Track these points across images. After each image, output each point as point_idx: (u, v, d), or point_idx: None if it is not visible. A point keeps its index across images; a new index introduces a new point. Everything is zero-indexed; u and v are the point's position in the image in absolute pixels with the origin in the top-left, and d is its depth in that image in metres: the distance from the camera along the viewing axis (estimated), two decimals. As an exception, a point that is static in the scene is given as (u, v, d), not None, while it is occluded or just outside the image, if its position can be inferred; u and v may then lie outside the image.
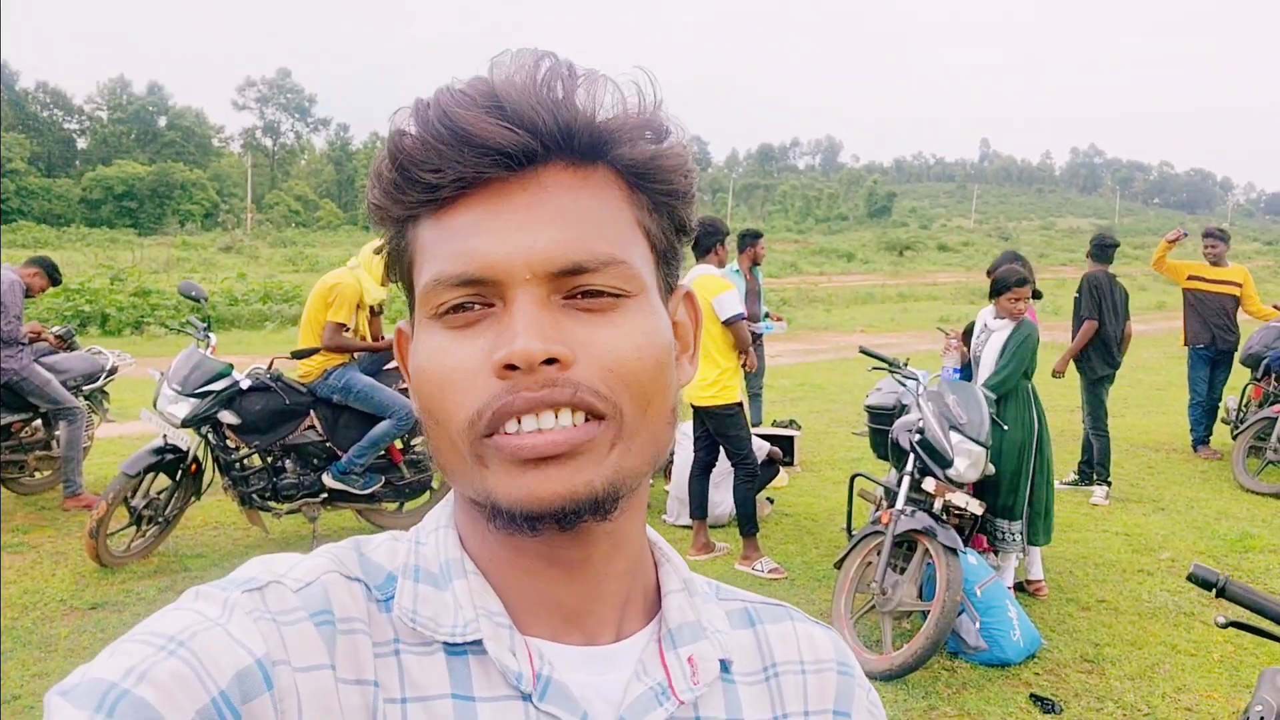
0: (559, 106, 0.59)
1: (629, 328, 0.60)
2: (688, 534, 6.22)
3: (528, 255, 0.58)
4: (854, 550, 4.59)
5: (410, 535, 0.68)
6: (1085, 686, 4.23)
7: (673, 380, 0.64)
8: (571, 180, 0.60)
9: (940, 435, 4.48)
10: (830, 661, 0.75)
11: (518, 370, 0.56)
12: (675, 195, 0.65)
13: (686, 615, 0.69)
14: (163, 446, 5.33)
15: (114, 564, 5.28)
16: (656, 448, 0.63)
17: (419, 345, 0.62)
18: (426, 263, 0.61)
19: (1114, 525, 6.51)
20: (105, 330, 17.12)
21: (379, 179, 0.62)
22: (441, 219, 0.60)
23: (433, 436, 0.62)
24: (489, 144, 0.57)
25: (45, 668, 4.16)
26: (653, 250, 0.65)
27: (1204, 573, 1.84)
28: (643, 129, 0.62)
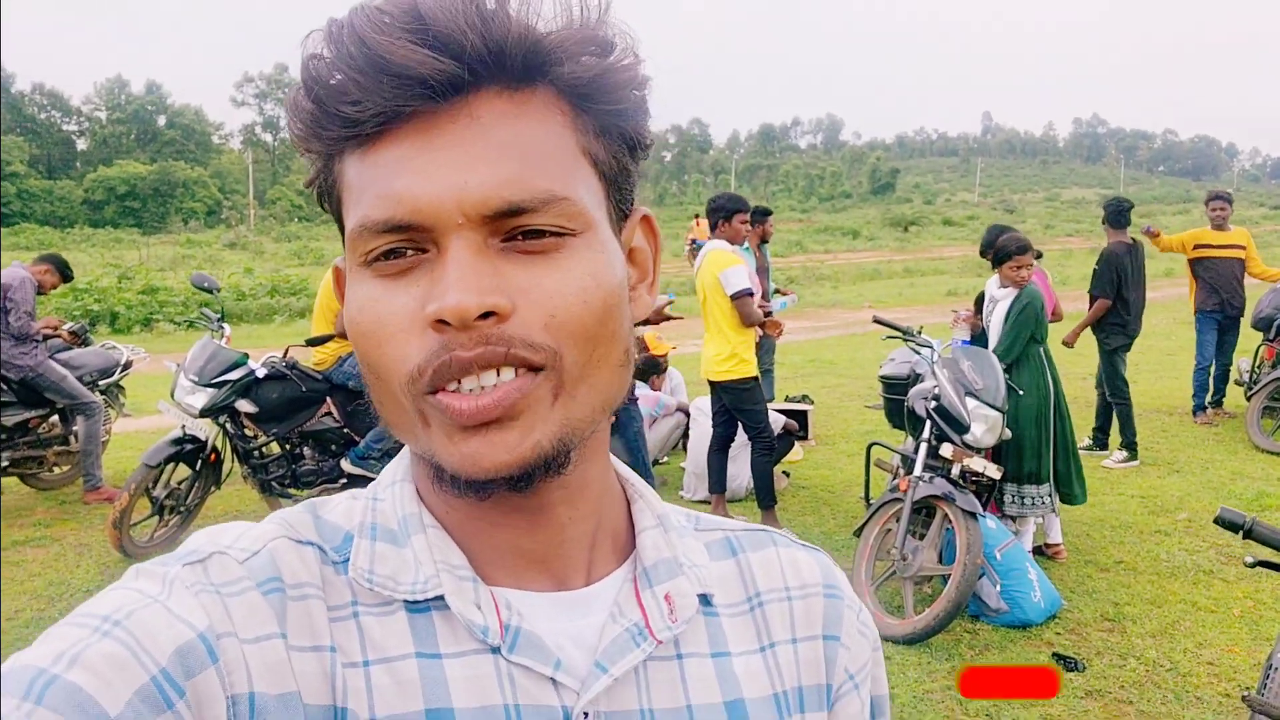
0: (489, 24, 0.53)
1: (574, 270, 0.55)
2: (705, 509, 6.23)
3: (460, 197, 0.53)
4: (873, 518, 4.62)
5: (368, 492, 0.65)
6: (1107, 645, 4.26)
7: (624, 321, 0.59)
8: (507, 108, 0.55)
9: (956, 401, 4.50)
10: (816, 585, 0.72)
11: (451, 325, 0.52)
12: (625, 114, 0.59)
13: (662, 552, 0.66)
14: (182, 437, 5.37)
15: (137, 554, 5.32)
16: (607, 394, 0.59)
17: (352, 293, 0.57)
18: (353, 204, 0.56)
19: (1130, 488, 6.53)
20: (115, 328, 17.22)
21: (296, 109, 0.56)
22: (366, 154, 0.55)
23: (374, 390, 0.58)
24: (410, 74, 0.52)
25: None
26: (601, 178, 0.59)
27: (1231, 515, 1.86)
28: (586, 43, 0.56)
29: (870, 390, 9.91)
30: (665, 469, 7.24)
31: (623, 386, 0.60)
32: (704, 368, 5.66)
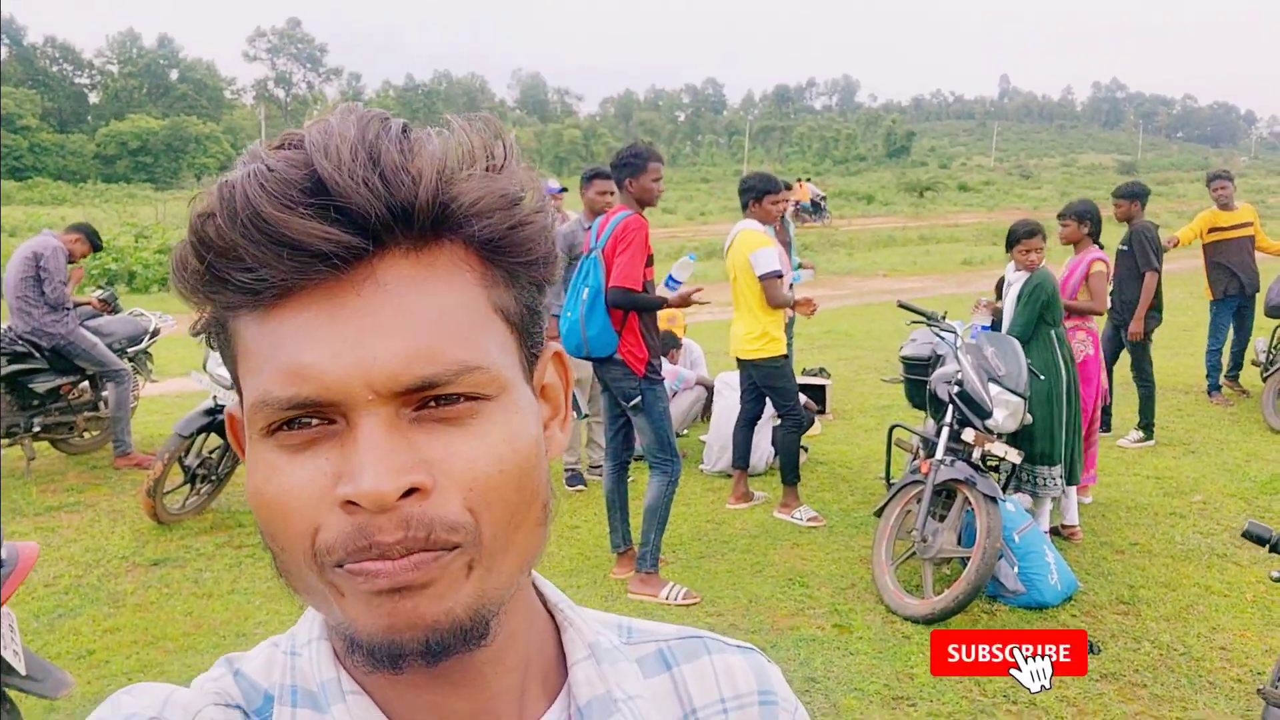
0: (391, 186, 0.50)
1: (488, 436, 0.53)
2: (725, 482, 6.34)
3: (368, 373, 0.50)
4: (894, 499, 4.70)
5: (286, 643, 0.63)
6: (1122, 627, 4.34)
7: (541, 478, 0.57)
8: (413, 271, 0.52)
9: (979, 387, 4.56)
10: (751, 694, 0.72)
11: (364, 510, 0.50)
12: (536, 263, 0.58)
13: (595, 688, 0.64)
14: (214, 407, 5.47)
15: (170, 521, 5.45)
16: (525, 558, 0.57)
17: (252, 462, 0.54)
18: (250, 372, 0.53)
19: (1145, 469, 6.59)
20: (133, 288, 17.31)
21: (184, 268, 0.53)
22: (264, 320, 0.52)
23: (279, 560, 0.55)
24: (310, 248, 0.49)
25: (116, 623, 4.34)
26: (512, 330, 0.57)
27: (1257, 529, 1.93)
28: (495, 198, 0.54)
29: (886, 363, 9.97)
30: (685, 441, 7.32)
31: (541, 543, 0.59)
32: (733, 346, 5.71)
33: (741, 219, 5.71)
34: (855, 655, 4.05)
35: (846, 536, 5.41)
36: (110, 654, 4.07)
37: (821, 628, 4.31)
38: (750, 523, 5.65)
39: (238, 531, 5.41)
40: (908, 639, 4.21)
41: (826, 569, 4.96)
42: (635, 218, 4.55)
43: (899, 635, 4.25)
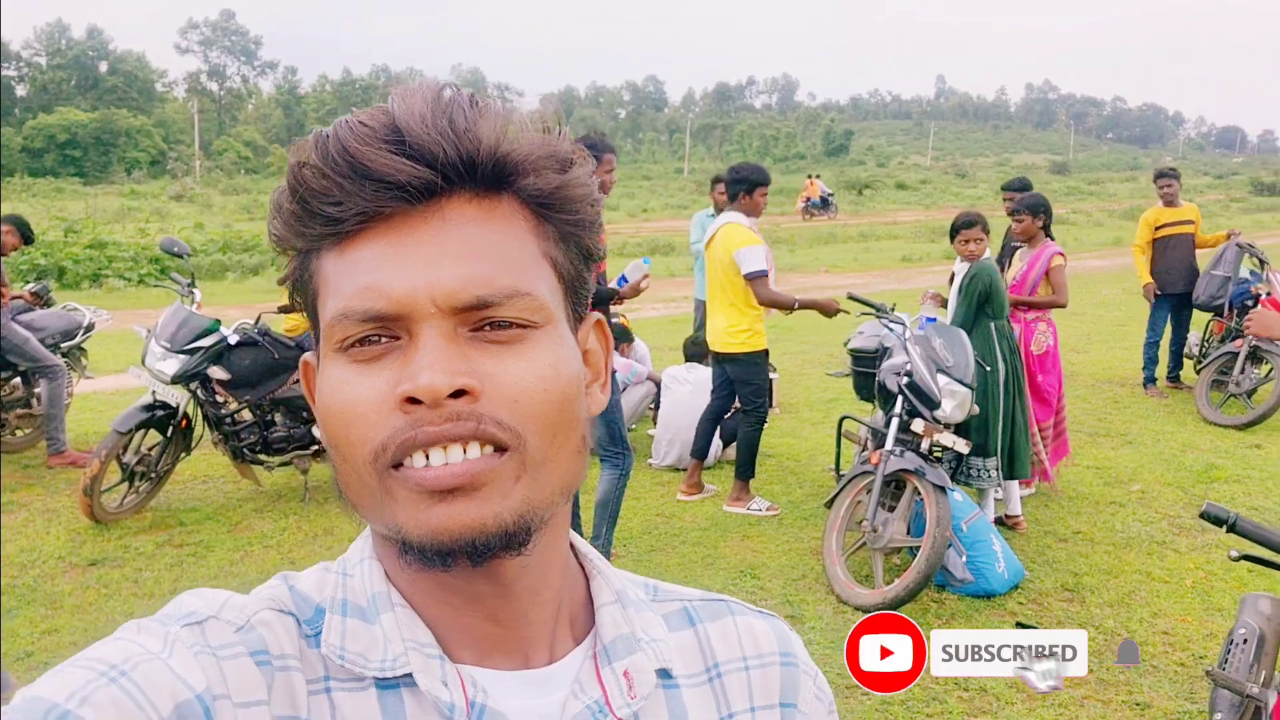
0: (461, 137, 0.59)
1: (536, 359, 0.60)
2: (674, 476, 6.35)
3: (432, 290, 0.57)
4: (844, 490, 4.74)
5: (337, 566, 0.68)
6: (1067, 614, 4.42)
7: (581, 410, 0.63)
8: (475, 212, 0.60)
9: (928, 378, 4.61)
10: (773, 654, 0.75)
11: (421, 404, 0.56)
12: (581, 225, 0.65)
13: (620, 628, 0.69)
14: (152, 403, 5.34)
15: (108, 520, 5.30)
16: (566, 478, 0.62)
17: (324, 378, 0.61)
18: (330, 296, 0.60)
19: (1085, 459, 6.72)
20: (63, 284, 16.79)
21: (279, 210, 0.61)
22: (344, 251, 0.60)
23: (340, 471, 0.61)
24: (388, 178, 0.57)
25: (54, 624, 4.21)
26: (560, 280, 0.64)
27: (1216, 510, 1.96)
28: (548, 159, 0.62)
29: (830, 357, 10.06)
30: (633, 436, 7.30)
31: (581, 471, 0.64)
32: (713, 339, 5.70)
33: (727, 210, 5.68)
34: (808, 646, 3.99)
35: (796, 528, 5.44)
36: (50, 655, 3.94)
37: (774, 619, 4.33)
38: (700, 516, 5.66)
39: (178, 530, 5.28)
40: (859, 628, 4.24)
41: (777, 561, 4.98)
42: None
43: (850, 625, 4.23)
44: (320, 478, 6.08)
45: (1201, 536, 5.31)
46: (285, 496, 5.85)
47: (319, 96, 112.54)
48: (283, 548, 5.08)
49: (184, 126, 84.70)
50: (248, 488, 5.88)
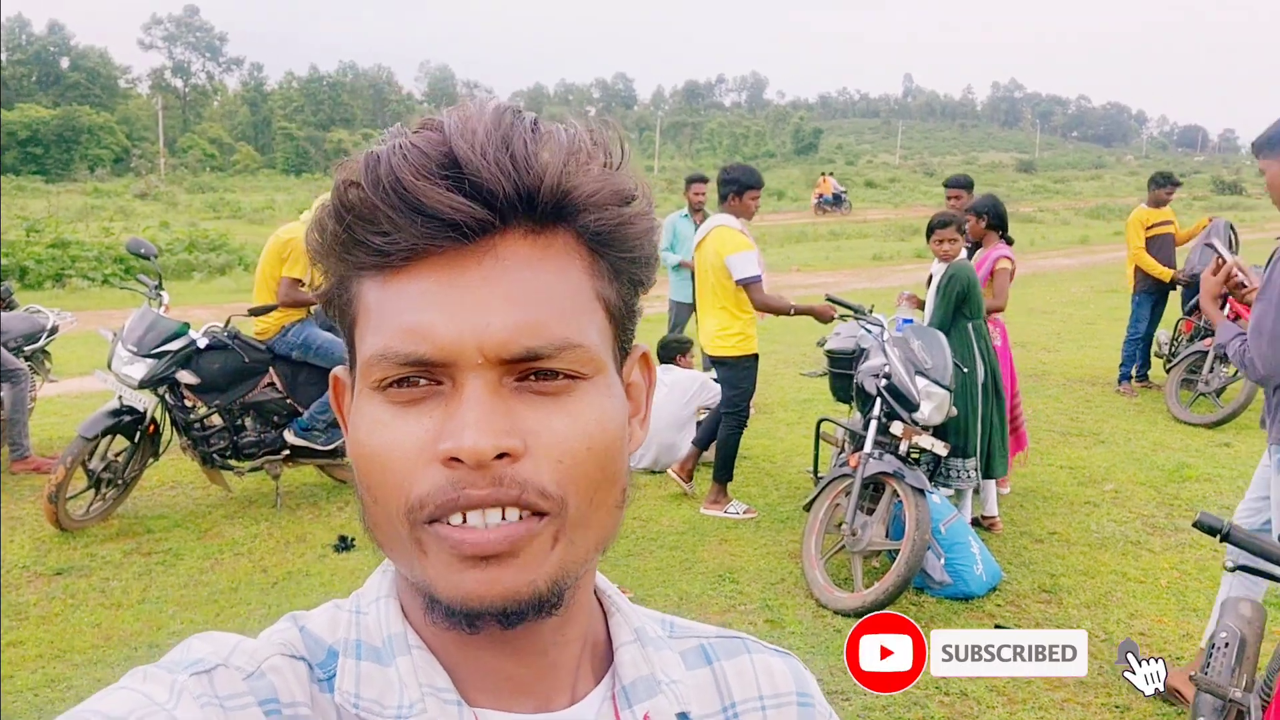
0: (521, 171, 0.55)
1: (583, 415, 0.57)
2: (650, 479, 6.32)
3: (480, 338, 0.55)
4: (823, 493, 4.72)
5: (351, 604, 0.66)
6: (1045, 616, 4.43)
7: (624, 463, 0.62)
8: (530, 252, 0.57)
9: (907, 380, 4.60)
10: (790, 694, 0.75)
11: (464, 463, 0.54)
12: (638, 260, 0.62)
13: (640, 669, 0.67)
14: (119, 408, 5.23)
15: (74, 528, 5.19)
16: (603, 535, 0.61)
17: (359, 415, 0.58)
18: (371, 330, 0.58)
19: (1058, 459, 6.76)
20: (25, 284, 16.50)
21: (322, 229, 0.58)
22: (389, 282, 0.57)
23: (370, 513, 0.59)
24: (443, 216, 0.54)
25: (19, 636, 4.10)
26: (611, 320, 0.61)
27: (1210, 520, 1.95)
28: (611, 193, 0.59)
29: (804, 357, 10.06)
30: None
31: (616, 526, 0.62)
32: (705, 342, 5.68)
33: (717, 212, 5.64)
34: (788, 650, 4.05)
35: (774, 531, 5.43)
36: (14, 669, 3.84)
37: (753, 624, 4.30)
38: (678, 520, 5.63)
39: (146, 538, 5.17)
40: (839, 632, 4.23)
41: (756, 564, 4.96)
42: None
43: (830, 629, 4.26)
44: (292, 482, 5.99)
45: (1175, 536, 5.35)
46: (256, 502, 5.76)
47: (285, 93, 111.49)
48: (254, 554, 4.99)
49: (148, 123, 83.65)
50: (218, 494, 5.78)
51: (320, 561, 4.92)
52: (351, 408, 0.60)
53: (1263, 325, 3.20)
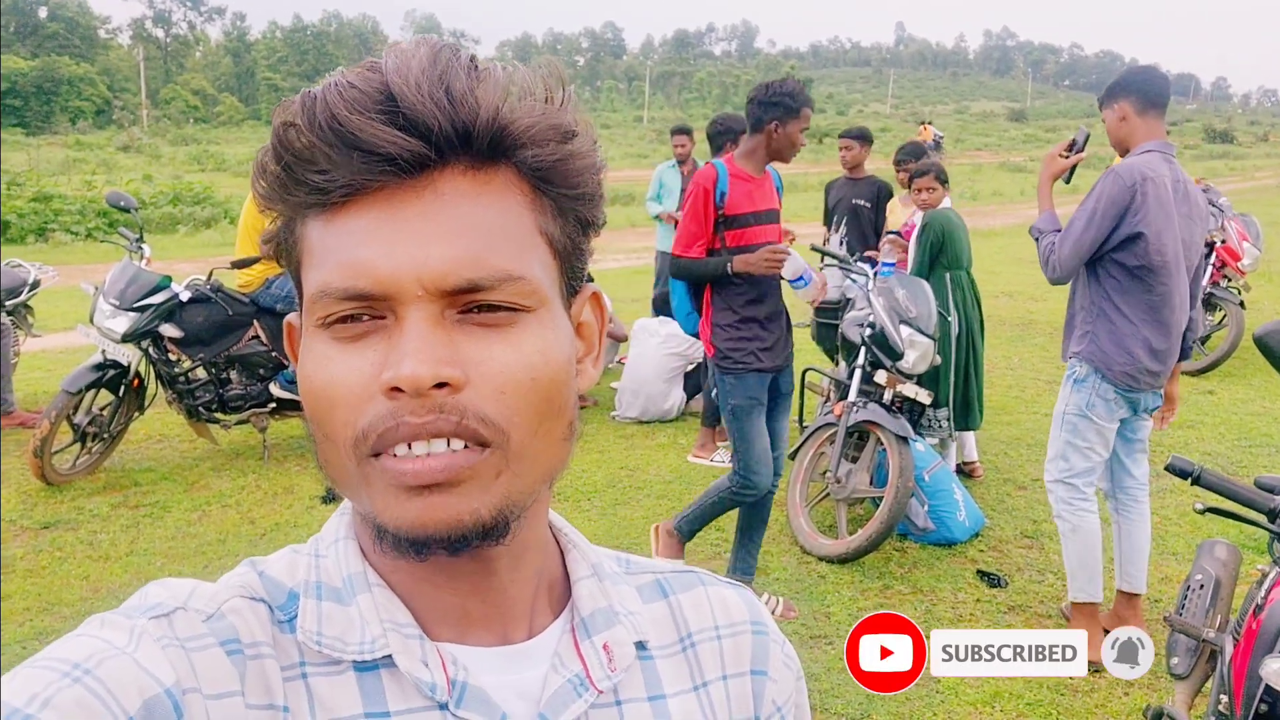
0: (457, 106, 0.55)
1: (526, 346, 0.57)
2: (637, 429, 6.34)
3: (420, 271, 0.55)
4: (808, 442, 4.74)
5: (309, 548, 0.66)
6: (1026, 561, 4.48)
7: (570, 396, 0.62)
8: (470, 187, 0.57)
9: (891, 329, 4.60)
10: (744, 623, 0.76)
11: (404, 393, 0.54)
12: (582, 198, 0.62)
13: (598, 601, 0.69)
14: (103, 362, 5.21)
15: (60, 482, 5.19)
16: (548, 467, 0.61)
17: (306, 353, 0.59)
18: (314, 267, 0.58)
19: (1043, 407, 6.79)
20: (7, 238, 16.37)
21: (264, 171, 0.58)
22: (331, 221, 0.57)
23: (320, 448, 0.60)
24: (378, 150, 0.54)
25: (7, 590, 4.12)
26: (555, 256, 0.62)
27: (1181, 463, 1.97)
28: (549, 129, 0.59)
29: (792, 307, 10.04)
30: (598, 390, 7.28)
31: (564, 458, 0.63)
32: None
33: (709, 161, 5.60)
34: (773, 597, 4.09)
35: (760, 480, 5.45)
36: (4, 622, 3.87)
37: (739, 570, 4.34)
38: (665, 469, 5.65)
39: (133, 491, 5.18)
40: (823, 579, 4.27)
41: (741, 512, 4.99)
42: (704, 169, 3.85)
43: (814, 575, 4.31)
44: (279, 435, 5.99)
45: (1156, 482, 5.38)
46: (243, 455, 5.76)
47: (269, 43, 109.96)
48: (241, 506, 5.01)
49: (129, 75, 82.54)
50: (204, 447, 5.78)
51: (308, 513, 4.94)
52: (300, 348, 0.61)
53: (1072, 230, 3.46)
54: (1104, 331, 3.51)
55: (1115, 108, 3.52)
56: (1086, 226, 3.41)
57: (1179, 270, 3.47)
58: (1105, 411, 3.57)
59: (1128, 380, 3.50)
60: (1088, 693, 3.44)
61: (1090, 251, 3.45)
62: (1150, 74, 3.60)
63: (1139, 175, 3.35)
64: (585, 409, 6.82)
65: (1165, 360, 3.53)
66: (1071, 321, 3.68)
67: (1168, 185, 3.39)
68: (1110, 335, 3.50)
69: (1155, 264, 3.40)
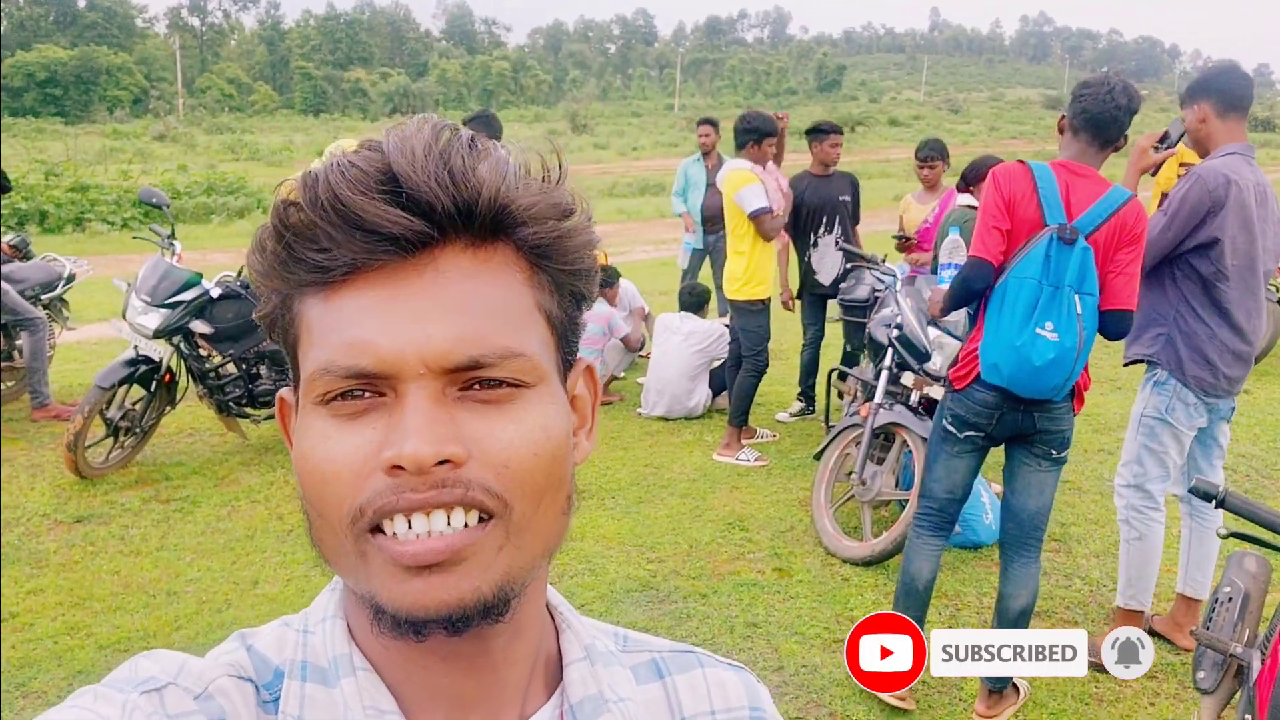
0: (459, 185, 0.56)
1: (527, 422, 0.58)
2: (662, 425, 6.34)
3: (422, 349, 0.55)
4: (833, 442, 4.72)
5: (299, 622, 0.66)
6: (1053, 565, 4.44)
7: (568, 470, 0.62)
8: (470, 264, 0.58)
9: (919, 330, 4.57)
10: (743, 708, 0.74)
11: (406, 470, 0.54)
12: (578, 273, 0.63)
13: (589, 687, 0.67)
14: (135, 358, 5.27)
15: (93, 475, 5.27)
16: (548, 540, 0.61)
17: (303, 430, 0.58)
18: (314, 346, 0.58)
19: (1075, 406, 6.72)
20: (45, 228, 16.61)
21: (262, 249, 0.58)
22: (330, 299, 0.57)
23: (315, 527, 0.59)
24: (381, 230, 0.55)
25: (40, 584, 4.19)
26: (553, 332, 0.62)
27: (1205, 486, 1.94)
28: (548, 207, 0.60)
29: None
30: (624, 384, 7.28)
31: (563, 532, 0.62)
32: (725, 285, 5.78)
33: (734, 158, 5.67)
34: (795, 599, 4.09)
35: (785, 479, 5.44)
36: (35, 616, 3.93)
37: (762, 572, 4.33)
38: (690, 466, 5.65)
39: (164, 485, 5.25)
40: (846, 581, 4.26)
41: (766, 512, 4.98)
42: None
43: (838, 578, 4.29)
44: (307, 430, 6.04)
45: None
46: (272, 449, 5.82)
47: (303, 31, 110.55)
48: (270, 502, 5.06)
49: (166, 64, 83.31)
50: (234, 441, 5.84)
51: (335, 509, 4.97)
52: (296, 424, 0.61)
53: (1150, 229, 3.28)
54: (1179, 336, 3.45)
55: (1196, 108, 3.44)
56: (1166, 227, 3.35)
57: (1255, 275, 3.41)
58: (1185, 416, 3.50)
59: (1205, 385, 3.44)
60: (1113, 702, 3.41)
61: (1167, 252, 3.39)
62: (1232, 74, 3.51)
63: (1222, 179, 3.28)
64: (611, 405, 6.84)
65: (1243, 365, 3.47)
66: (1142, 321, 3.59)
67: (1250, 189, 3.32)
68: (1186, 340, 3.43)
69: (1230, 269, 3.34)
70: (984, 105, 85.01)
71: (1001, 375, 2.97)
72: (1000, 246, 2.97)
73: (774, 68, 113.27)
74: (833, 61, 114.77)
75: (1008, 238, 2.97)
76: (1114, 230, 2.92)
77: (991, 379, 3.01)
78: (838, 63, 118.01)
